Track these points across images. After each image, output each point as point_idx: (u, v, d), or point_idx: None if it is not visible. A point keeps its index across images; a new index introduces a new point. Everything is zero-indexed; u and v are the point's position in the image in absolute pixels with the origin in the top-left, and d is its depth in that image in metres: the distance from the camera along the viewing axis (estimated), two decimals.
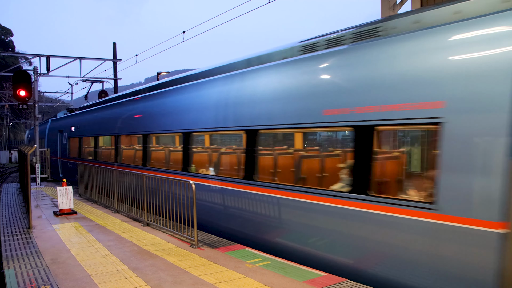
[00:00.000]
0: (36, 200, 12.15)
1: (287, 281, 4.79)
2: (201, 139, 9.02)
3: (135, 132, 11.35)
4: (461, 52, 4.11)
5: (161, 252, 6.16)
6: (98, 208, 10.43)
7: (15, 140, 66.59)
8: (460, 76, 4.01)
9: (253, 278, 4.91)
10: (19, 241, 7.02)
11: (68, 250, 6.33)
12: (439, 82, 4.16)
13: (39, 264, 5.62)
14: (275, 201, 6.09)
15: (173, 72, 30.77)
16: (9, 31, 71.24)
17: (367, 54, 5.14)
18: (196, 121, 8.23)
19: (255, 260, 5.68)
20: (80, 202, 11.42)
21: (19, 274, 5.20)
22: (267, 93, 6.56)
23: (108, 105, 14.45)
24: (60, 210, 9.50)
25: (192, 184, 6.52)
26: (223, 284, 4.75)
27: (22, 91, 13.52)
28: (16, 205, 11.41)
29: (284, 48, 6.90)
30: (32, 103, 16.54)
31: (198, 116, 8.15)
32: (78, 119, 17.51)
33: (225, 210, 7.24)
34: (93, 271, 5.28)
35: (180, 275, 5.10)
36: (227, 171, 7.81)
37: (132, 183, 9.13)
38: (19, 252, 6.28)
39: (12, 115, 60.56)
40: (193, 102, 8.59)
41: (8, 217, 9.47)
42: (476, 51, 3.98)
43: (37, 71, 17.57)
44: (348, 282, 4.75)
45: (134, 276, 5.09)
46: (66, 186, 9.69)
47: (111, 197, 10.06)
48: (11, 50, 62.31)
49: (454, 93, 4.02)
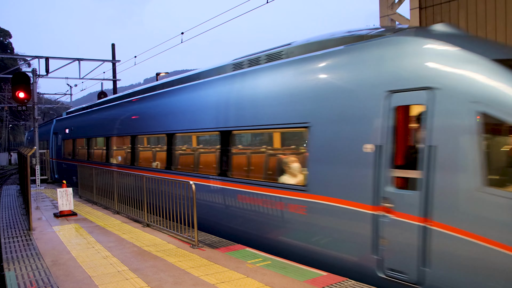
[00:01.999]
0: (36, 201, 12.14)
1: (288, 281, 4.79)
2: (162, 140, 10.28)
3: (121, 134, 12.47)
4: (318, 76, 5.78)
5: (162, 253, 6.16)
6: (98, 209, 10.43)
7: (15, 142, 66.59)
8: (319, 93, 5.61)
9: (254, 278, 4.91)
10: (19, 243, 7.01)
11: (69, 252, 6.32)
12: (307, 98, 5.78)
13: (39, 266, 5.62)
14: (201, 188, 7.65)
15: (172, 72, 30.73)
16: (8, 33, 71.22)
17: (270, 74, 6.81)
18: (160, 125, 9.87)
19: (256, 260, 5.68)
20: (80, 203, 11.41)
21: (19, 276, 5.19)
22: (206, 103, 8.16)
23: (96, 109, 15.93)
24: (60, 211, 9.50)
25: (192, 185, 6.52)
26: (223, 284, 4.75)
27: (21, 92, 13.51)
28: (16, 207, 11.40)
29: (221, 65, 8.46)
30: (31, 104, 16.54)
31: (171, 119, 9.47)
32: (69, 122, 18.54)
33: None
34: (93, 273, 5.27)
35: (181, 275, 5.10)
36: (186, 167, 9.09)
37: (127, 183, 9.51)
38: (19, 254, 6.28)
39: (12, 117, 60.58)
40: (160, 108, 10.22)
41: (8, 219, 9.46)
42: (325, 77, 5.68)
43: (36, 73, 17.56)
44: (349, 281, 4.76)
45: (135, 277, 5.09)
46: (66, 188, 9.68)
47: (111, 198, 10.05)
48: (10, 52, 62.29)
49: (317, 105, 5.58)
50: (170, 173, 8.96)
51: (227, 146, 7.31)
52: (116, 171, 10.00)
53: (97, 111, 15.45)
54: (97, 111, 15.45)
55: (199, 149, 8.76)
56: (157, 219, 8.19)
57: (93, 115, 15.71)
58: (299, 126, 5.84)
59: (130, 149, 11.38)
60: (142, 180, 8.27)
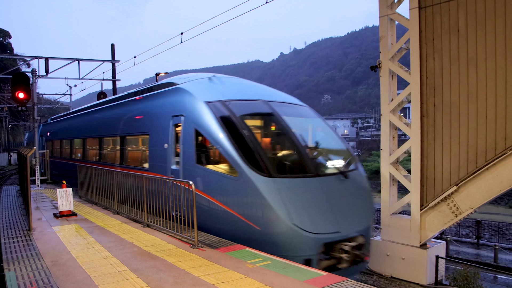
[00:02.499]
0: (36, 202, 12.13)
1: (288, 281, 4.79)
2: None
3: (76, 137, 17.76)
4: (150, 106, 10.47)
5: (162, 253, 6.16)
6: (98, 209, 10.42)
7: (14, 142, 66.49)
8: (151, 116, 10.20)
9: (254, 278, 4.91)
10: (19, 243, 7.01)
11: (69, 252, 6.32)
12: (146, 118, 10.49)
13: (39, 266, 5.61)
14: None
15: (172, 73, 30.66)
16: (7, 33, 71.05)
17: (133, 104, 11.88)
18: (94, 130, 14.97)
19: (256, 260, 5.68)
20: (80, 203, 11.41)
21: (19, 277, 5.19)
22: (111, 117, 13.48)
23: (64, 118, 20.91)
24: (60, 212, 9.49)
25: (192, 185, 6.51)
26: (223, 284, 4.75)
27: (21, 93, 13.47)
28: (16, 207, 11.40)
29: (120, 95, 13.92)
30: (31, 105, 16.53)
31: (100, 127, 14.42)
32: (49, 127, 23.44)
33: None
34: (93, 273, 5.27)
35: (181, 276, 5.10)
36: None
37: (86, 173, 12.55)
38: (19, 254, 6.28)
39: (11, 117, 60.52)
40: (94, 119, 15.56)
41: (8, 219, 9.46)
42: (152, 107, 10.36)
43: (36, 73, 17.55)
44: (349, 281, 4.76)
45: (135, 277, 5.09)
46: (66, 188, 9.68)
47: (111, 198, 10.06)
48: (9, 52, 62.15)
49: (151, 123, 9.93)
50: (101, 164, 13.05)
51: (122, 146, 11.83)
52: (79, 165, 12.87)
53: (65, 120, 20.56)
54: (65, 120, 20.56)
55: (113, 147, 13.21)
56: (157, 219, 8.19)
57: (62, 122, 20.84)
58: (145, 134, 10.19)
59: (81, 148, 16.42)
60: (91, 171, 11.31)
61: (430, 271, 9.91)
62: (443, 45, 9.51)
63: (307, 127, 8.90)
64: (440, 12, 9.55)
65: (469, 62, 9.12)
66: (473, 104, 9.05)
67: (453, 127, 9.37)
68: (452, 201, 9.30)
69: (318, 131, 9.02)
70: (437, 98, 9.66)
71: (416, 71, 9.92)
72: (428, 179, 9.79)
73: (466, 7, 9.13)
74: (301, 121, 8.88)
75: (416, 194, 9.96)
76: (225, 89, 8.80)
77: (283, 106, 8.48)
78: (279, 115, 7.96)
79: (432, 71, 9.71)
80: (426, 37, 9.81)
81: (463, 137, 9.21)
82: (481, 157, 8.92)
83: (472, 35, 9.07)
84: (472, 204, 9.09)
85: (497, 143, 8.67)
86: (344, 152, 8.61)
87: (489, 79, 8.80)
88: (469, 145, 9.11)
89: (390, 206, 10.62)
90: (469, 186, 9.05)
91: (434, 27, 9.66)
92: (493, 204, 34.85)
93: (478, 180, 8.93)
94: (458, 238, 18.22)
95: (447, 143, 9.46)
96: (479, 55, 8.95)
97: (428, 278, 9.89)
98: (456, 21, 9.30)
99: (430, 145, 9.76)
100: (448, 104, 9.45)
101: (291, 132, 7.76)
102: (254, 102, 8.35)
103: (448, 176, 9.42)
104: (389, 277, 10.38)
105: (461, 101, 9.24)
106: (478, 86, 8.99)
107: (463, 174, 9.21)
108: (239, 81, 10.09)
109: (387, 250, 10.48)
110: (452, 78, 9.37)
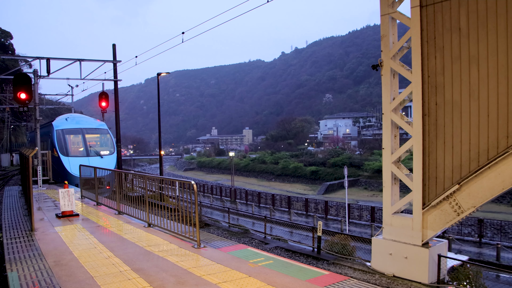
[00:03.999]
0: (38, 202, 12.16)
1: (290, 280, 4.79)
2: None
3: None
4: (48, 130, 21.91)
5: (164, 252, 6.17)
6: (100, 209, 10.44)
7: (16, 143, 66.66)
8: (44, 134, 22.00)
9: (256, 278, 4.91)
10: (21, 243, 7.03)
11: (71, 252, 6.34)
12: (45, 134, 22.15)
13: (42, 267, 5.63)
14: None
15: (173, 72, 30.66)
16: (9, 34, 71.21)
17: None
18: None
19: (258, 259, 5.69)
20: (82, 203, 11.43)
21: (22, 277, 5.20)
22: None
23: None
24: (62, 212, 9.51)
25: (193, 184, 6.53)
26: (226, 284, 4.75)
27: (23, 93, 13.53)
28: (18, 207, 11.43)
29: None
30: (32, 105, 16.57)
31: None
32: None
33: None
34: (96, 273, 5.28)
35: (183, 275, 5.10)
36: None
37: None
38: (21, 254, 6.29)
39: (13, 118, 60.67)
40: None
41: (10, 219, 9.48)
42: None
43: (37, 74, 17.60)
44: (351, 280, 4.76)
45: (137, 277, 5.10)
46: (68, 188, 9.70)
47: (114, 199, 10.08)
48: (11, 53, 62.31)
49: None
50: None
51: None
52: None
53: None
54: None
55: None
56: (159, 219, 8.20)
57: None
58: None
59: None
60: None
61: (432, 270, 9.90)
62: (445, 44, 9.49)
63: (97, 138, 20.21)
64: (441, 10, 9.54)
65: (470, 61, 9.11)
66: (474, 102, 9.03)
67: (455, 126, 9.35)
68: (454, 200, 9.29)
69: (101, 139, 20.34)
70: (438, 97, 9.65)
71: (417, 70, 9.91)
72: (430, 178, 9.77)
73: (467, 5, 9.11)
74: (94, 136, 20.19)
75: (418, 193, 9.94)
76: (66, 123, 20.27)
77: (88, 129, 20.09)
78: (83, 133, 19.63)
79: (434, 70, 9.70)
80: (427, 36, 9.80)
81: (465, 135, 9.20)
82: (483, 155, 8.91)
83: (474, 34, 9.06)
84: (474, 203, 9.07)
85: (499, 142, 8.64)
86: (108, 147, 19.99)
87: (490, 78, 8.79)
88: (471, 144, 9.09)
89: (392, 205, 10.61)
90: (471, 184, 9.03)
91: (436, 25, 9.65)
92: (495, 203, 34.83)
93: (480, 179, 8.91)
94: (460, 237, 18.21)
95: (449, 141, 9.45)
96: (481, 54, 8.93)
97: (430, 277, 9.88)
98: (457, 19, 9.28)
99: (432, 144, 9.75)
100: (450, 102, 9.43)
101: (85, 139, 19.49)
102: (74, 128, 19.87)
103: (450, 175, 9.40)
104: (391, 276, 10.38)
105: (462, 100, 9.22)
106: (479, 85, 8.97)
107: (465, 173, 9.19)
108: (78, 117, 22.07)
109: (389, 249, 10.47)
110: (454, 76, 9.36)
